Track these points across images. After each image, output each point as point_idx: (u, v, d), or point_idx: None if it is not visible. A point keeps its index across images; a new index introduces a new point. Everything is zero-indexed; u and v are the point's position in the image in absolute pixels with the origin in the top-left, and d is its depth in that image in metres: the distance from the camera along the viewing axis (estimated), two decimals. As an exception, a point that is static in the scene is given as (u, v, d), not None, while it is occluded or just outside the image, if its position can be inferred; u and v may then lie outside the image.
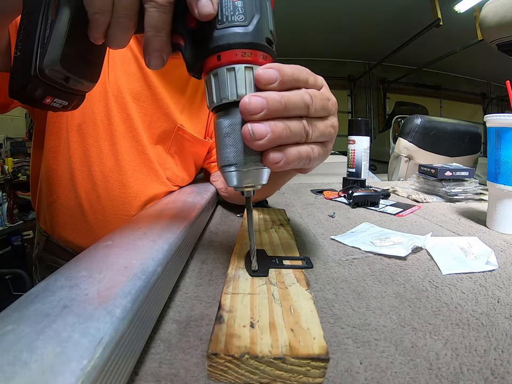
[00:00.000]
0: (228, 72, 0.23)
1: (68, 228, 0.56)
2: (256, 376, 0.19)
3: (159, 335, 0.24)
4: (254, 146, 0.22)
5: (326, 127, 0.26)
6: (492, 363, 0.21)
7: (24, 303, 0.19)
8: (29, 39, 0.23)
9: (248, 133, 0.22)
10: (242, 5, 0.22)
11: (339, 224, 0.53)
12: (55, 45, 0.23)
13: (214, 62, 0.23)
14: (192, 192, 0.60)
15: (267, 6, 0.24)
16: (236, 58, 0.22)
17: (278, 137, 0.23)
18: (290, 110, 0.23)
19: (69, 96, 0.27)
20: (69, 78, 0.25)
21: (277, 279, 0.28)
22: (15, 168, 2.45)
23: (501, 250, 0.41)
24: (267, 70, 0.22)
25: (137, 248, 0.29)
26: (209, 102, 0.25)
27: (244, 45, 0.22)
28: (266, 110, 0.22)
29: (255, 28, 0.22)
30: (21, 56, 0.23)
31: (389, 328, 0.25)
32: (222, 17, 0.22)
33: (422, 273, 0.34)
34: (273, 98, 0.22)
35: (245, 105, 0.22)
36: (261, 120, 0.22)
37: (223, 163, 0.25)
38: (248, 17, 0.22)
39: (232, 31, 0.22)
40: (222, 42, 0.22)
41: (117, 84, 0.51)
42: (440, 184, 0.73)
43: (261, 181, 0.25)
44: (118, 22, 0.22)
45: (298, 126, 0.24)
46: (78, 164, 0.52)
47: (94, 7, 0.22)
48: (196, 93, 0.63)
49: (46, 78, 0.23)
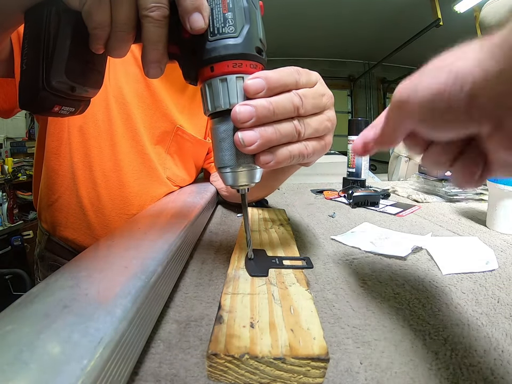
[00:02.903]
0: (220, 83, 0.24)
1: (68, 227, 0.56)
2: (256, 376, 0.19)
3: (159, 335, 0.24)
4: (245, 151, 0.24)
5: (320, 122, 0.27)
6: (491, 363, 0.21)
7: (24, 303, 0.19)
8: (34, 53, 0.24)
9: (239, 140, 0.23)
10: (232, 16, 0.23)
11: (339, 224, 0.53)
12: (60, 59, 0.24)
13: (207, 73, 0.24)
14: (192, 192, 0.60)
15: (256, 15, 0.25)
16: (228, 70, 0.24)
17: (267, 142, 0.24)
18: (280, 114, 0.24)
19: (76, 103, 0.28)
20: (75, 88, 0.26)
21: (277, 279, 0.28)
22: (15, 168, 2.45)
23: (501, 250, 0.41)
24: (254, 80, 0.23)
25: (137, 248, 0.29)
26: (205, 109, 0.26)
27: (235, 56, 0.24)
28: (255, 118, 0.23)
29: (244, 38, 0.24)
30: (27, 70, 0.25)
31: (389, 328, 0.25)
32: (214, 29, 0.23)
33: (422, 273, 0.34)
34: (261, 105, 0.23)
35: (235, 115, 0.23)
36: (251, 127, 0.23)
37: (219, 165, 0.27)
38: (238, 28, 0.23)
39: (223, 43, 0.23)
40: (214, 54, 0.24)
41: (117, 85, 0.52)
42: (440, 184, 0.73)
43: (254, 180, 0.27)
44: (116, 35, 0.24)
45: (289, 127, 0.24)
46: (79, 164, 0.52)
47: (93, 22, 0.23)
48: (196, 94, 0.63)
49: (53, 89, 0.24)
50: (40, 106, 0.25)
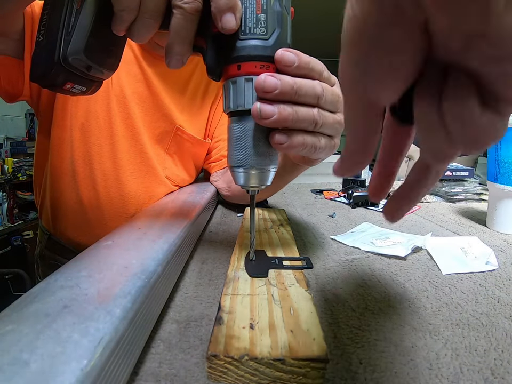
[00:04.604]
0: (246, 82, 0.24)
1: (68, 226, 0.56)
2: (255, 377, 0.18)
3: (159, 335, 0.24)
4: (260, 123, 0.24)
5: (334, 121, 0.27)
6: (492, 363, 0.21)
7: (24, 303, 0.19)
8: (53, 25, 0.23)
9: (256, 109, 0.23)
10: (265, 18, 0.23)
11: (339, 224, 0.53)
12: (80, 35, 0.23)
13: (233, 71, 0.24)
14: (192, 192, 0.60)
15: (287, 20, 0.25)
16: (255, 70, 0.24)
17: (283, 120, 0.23)
18: (301, 96, 0.24)
19: (88, 82, 0.27)
20: (91, 67, 0.26)
21: (277, 280, 0.28)
22: (15, 168, 2.45)
23: (501, 250, 0.41)
24: (288, 53, 0.23)
25: (137, 248, 0.29)
26: (225, 106, 0.26)
27: (263, 58, 0.24)
28: (279, 91, 0.23)
29: (275, 42, 0.24)
30: (44, 42, 0.24)
31: (389, 328, 0.25)
32: (245, 28, 0.23)
33: (422, 273, 0.34)
34: (286, 81, 0.23)
35: (261, 83, 0.23)
36: (271, 100, 0.23)
37: (233, 164, 0.27)
38: (269, 31, 0.23)
39: (253, 43, 0.23)
40: (243, 53, 0.24)
41: (118, 84, 0.52)
42: (440, 184, 0.73)
43: (265, 182, 0.27)
44: (143, 21, 0.23)
45: (308, 113, 0.25)
46: (80, 161, 0.53)
47: (121, 4, 0.22)
48: (196, 94, 0.63)
49: (68, 65, 0.24)
50: (52, 81, 0.24)
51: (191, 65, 0.60)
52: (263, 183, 0.27)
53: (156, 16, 0.23)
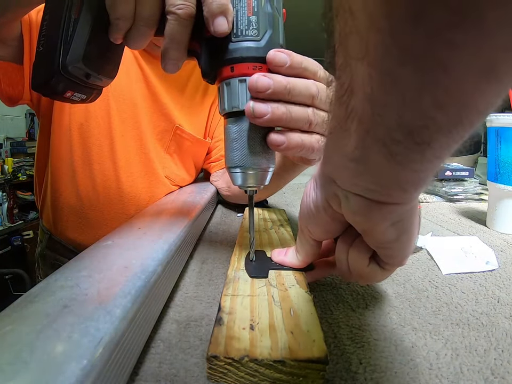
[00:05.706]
0: (239, 83, 0.24)
1: (69, 226, 0.56)
2: (255, 378, 0.18)
3: (159, 335, 0.24)
4: (253, 122, 0.24)
5: None
6: (492, 363, 0.21)
7: (24, 303, 0.19)
8: (52, 35, 0.24)
9: (249, 109, 0.23)
10: (256, 20, 0.24)
11: (339, 224, 0.53)
12: (78, 44, 0.24)
13: (227, 73, 0.25)
14: (192, 192, 0.60)
15: (279, 21, 0.25)
16: (248, 71, 0.24)
17: (277, 119, 0.24)
18: (295, 96, 0.24)
19: (88, 90, 0.28)
20: (90, 75, 0.26)
21: (277, 281, 0.28)
22: (15, 168, 2.45)
23: (501, 250, 0.41)
24: (279, 53, 0.24)
25: (137, 248, 0.29)
26: (221, 108, 0.26)
27: (256, 59, 0.24)
28: (272, 90, 0.23)
29: (267, 42, 0.24)
30: (44, 52, 0.24)
31: (389, 328, 0.25)
32: (237, 31, 0.24)
33: (422, 273, 0.34)
34: (279, 81, 0.23)
35: (254, 83, 0.23)
36: (264, 100, 0.23)
37: (230, 164, 0.27)
38: (261, 32, 0.24)
39: (245, 45, 0.24)
40: (236, 55, 0.24)
41: (118, 84, 0.52)
42: (440, 184, 0.73)
43: (263, 182, 0.27)
44: (138, 28, 0.23)
45: (302, 112, 0.25)
46: (79, 161, 0.53)
47: (116, 12, 0.23)
48: (195, 94, 0.63)
49: (68, 74, 0.24)
50: (53, 90, 0.25)
51: (190, 65, 0.60)
52: (260, 183, 0.27)
53: (151, 24, 0.23)
